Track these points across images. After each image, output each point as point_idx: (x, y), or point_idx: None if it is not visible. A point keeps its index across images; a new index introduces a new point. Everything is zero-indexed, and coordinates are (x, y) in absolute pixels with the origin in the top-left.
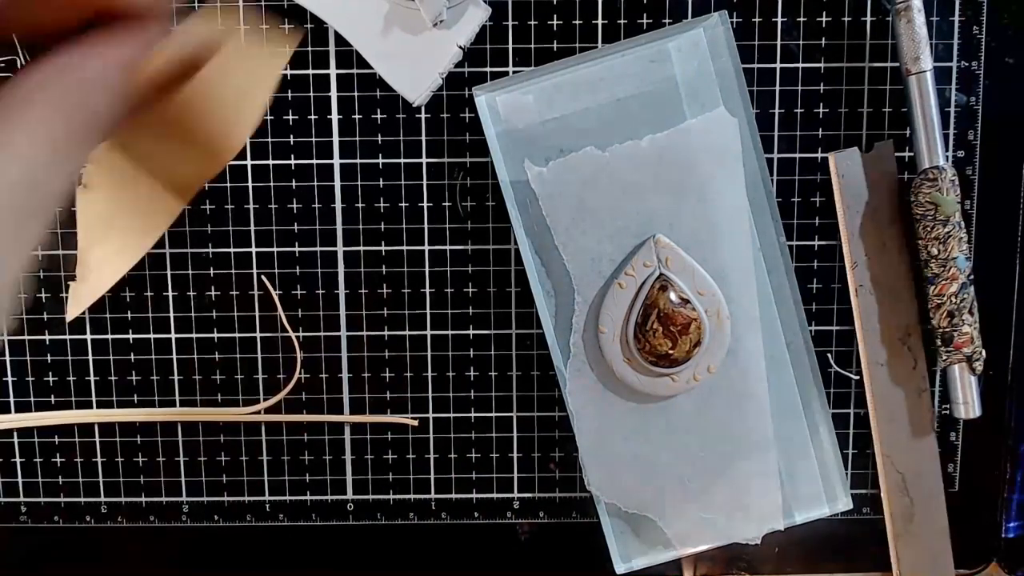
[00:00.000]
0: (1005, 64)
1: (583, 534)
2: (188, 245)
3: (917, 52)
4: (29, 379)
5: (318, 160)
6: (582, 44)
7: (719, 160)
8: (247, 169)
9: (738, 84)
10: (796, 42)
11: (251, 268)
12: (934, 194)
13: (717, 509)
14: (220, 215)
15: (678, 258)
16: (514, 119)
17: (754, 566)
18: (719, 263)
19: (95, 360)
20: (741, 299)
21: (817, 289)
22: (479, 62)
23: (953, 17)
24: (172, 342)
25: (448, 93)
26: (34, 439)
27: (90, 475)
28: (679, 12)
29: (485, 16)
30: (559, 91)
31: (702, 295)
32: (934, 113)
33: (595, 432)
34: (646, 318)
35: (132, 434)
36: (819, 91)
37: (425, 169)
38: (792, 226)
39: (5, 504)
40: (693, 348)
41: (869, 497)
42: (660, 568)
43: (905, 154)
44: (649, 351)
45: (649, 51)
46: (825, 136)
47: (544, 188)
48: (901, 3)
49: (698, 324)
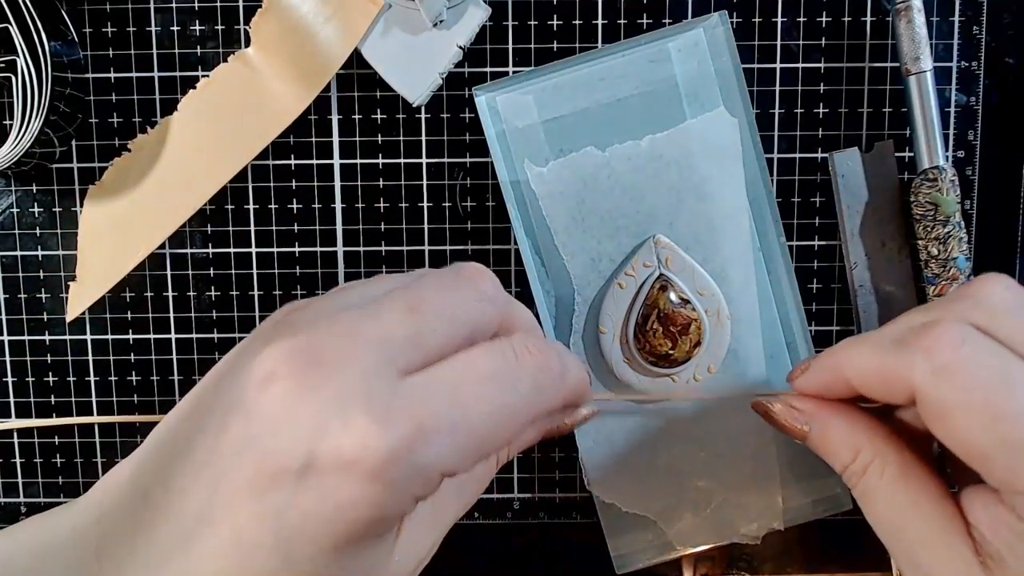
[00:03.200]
0: (1005, 64)
1: (583, 534)
2: (188, 245)
3: (917, 52)
4: (29, 379)
5: (318, 160)
6: (582, 44)
7: (719, 160)
8: (247, 169)
9: (738, 84)
10: (796, 42)
11: (251, 268)
12: (934, 194)
13: (717, 509)
14: (220, 215)
15: (678, 258)
16: (514, 119)
17: (754, 566)
18: (719, 263)
19: (95, 360)
20: (741, 299)
21: (817, 289)
22: (479, 62)
23: (953, 17)
24: (172, 342)
25: (448, 93)
26: (34, 439)
27: (90, 475)
28: (679, 12)
29: (485, 16)
30: (559, 91)
31: (702, 295)
32: (934, 113)
33: (595, 432)
34: (646, 318)
35: (132, 434)
36: (819, 91)
37: (425, 169)
38: (792, 226)
39: (5, 504)
40: (693, 348)
41: None
42: (660, 568)
43: (905, 154)
44: (649, 351)
45: (649, 51)
46: (825, 136)
47: (544, 188)
48: (901, 3)
49: (698, 324)
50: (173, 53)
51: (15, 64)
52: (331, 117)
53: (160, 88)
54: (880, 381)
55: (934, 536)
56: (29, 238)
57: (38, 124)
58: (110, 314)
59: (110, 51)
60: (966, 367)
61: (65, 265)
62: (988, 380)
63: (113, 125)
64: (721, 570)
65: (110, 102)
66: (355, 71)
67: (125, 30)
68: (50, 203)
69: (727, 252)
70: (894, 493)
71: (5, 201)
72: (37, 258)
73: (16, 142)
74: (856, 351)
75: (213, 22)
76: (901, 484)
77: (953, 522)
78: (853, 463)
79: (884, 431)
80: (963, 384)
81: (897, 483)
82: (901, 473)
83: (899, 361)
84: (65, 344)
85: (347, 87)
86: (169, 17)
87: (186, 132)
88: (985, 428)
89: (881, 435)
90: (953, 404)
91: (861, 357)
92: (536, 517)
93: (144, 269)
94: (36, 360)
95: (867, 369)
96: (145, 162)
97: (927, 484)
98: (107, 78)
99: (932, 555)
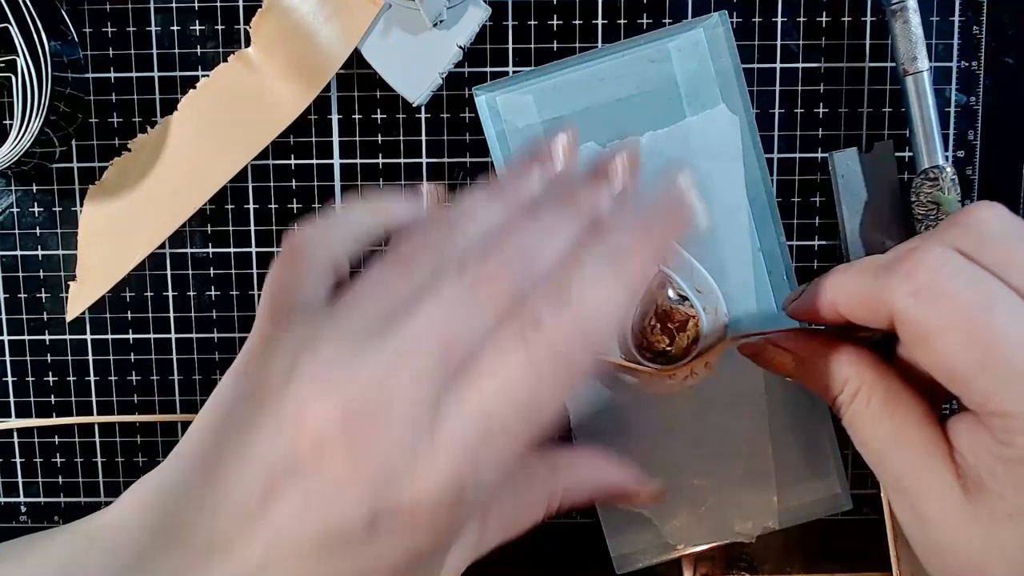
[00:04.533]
0: (1005, 64)
1: (583, 534)
2: (188, 245)
3: (913, 52)
4: (29, 379)
5: (318, 160)
6: (582, 44)
7: (718, 157)
8: (247, 169)
9: (738, 84)
10: (796, 42)
11: (251, 268)
12: (935, 193)
13: (712, 507)
14: (220, 215)
15: (677, 255)
16: (514, 119)
17: (754, 566)
18: (718, 261)
19: (95, 360)
20: (740, 297)
21: None
22: (479, 62)
23: (953, 17)
24: (172, 342)
25: (448, 93)
26: (34, 439)
27: (90, 475)
28: (679, 12)
29: (485, 16)
30: (559, 91)
31: (700, 292)
32: (932, 113)
33: (592, 429)
34: (644, 314)
35: (132, 434)
36: (819, 91)
37: (425, 169)
38: (792, 226)
39: (5, 504)
40: (691, 345)
41: (869, 497)
42: (660, 568)
43: (905, 154)
44: (646, 347)
45: (649, 51)
46: (825, 136)
47: None
48: (897, 4)
49: (696, 321)
50: (173, 53)
51: (15, 64)
52: (331, 117)
53: (160, 88)
54: (864, 305)
55: (917, 462)
56: (29, 238)
57: (38, 124)
58: (110, 314)
59: (110, 51)
60: (945, 289)
61: (65, 265)
62: (967, 301)
63: (113, 125)
64: (721, 570)
65: (110, 102)
66: (355, 71)
67: (125, 30)
68: (50, 203)
69: (726, 250)
70: (880, 420)
71: (5, 201)
72: (37, 258)
73: (16, 142)
74: (843, 276)
75: (213, 22)
76: (888, 411)
77: (937, 448)
78: (841, 394)
79: (871, 360)
80: (941, 305)
81: (884, 410)
82: (887, 400)
83: (881, 284)
84: (65, 344)
85: (347, 87)
86: (169, 17)
87: (186, 132)
88: (963, 349)
89: (868, 364)
90: (931, 326)
91: (847, 282)
92: None
93: (144, 269)
94: (36, 360)
95: (852, 293)
96: (145, 162)
97: (913, 411)
98: (107, 78)
99: (915, 481)
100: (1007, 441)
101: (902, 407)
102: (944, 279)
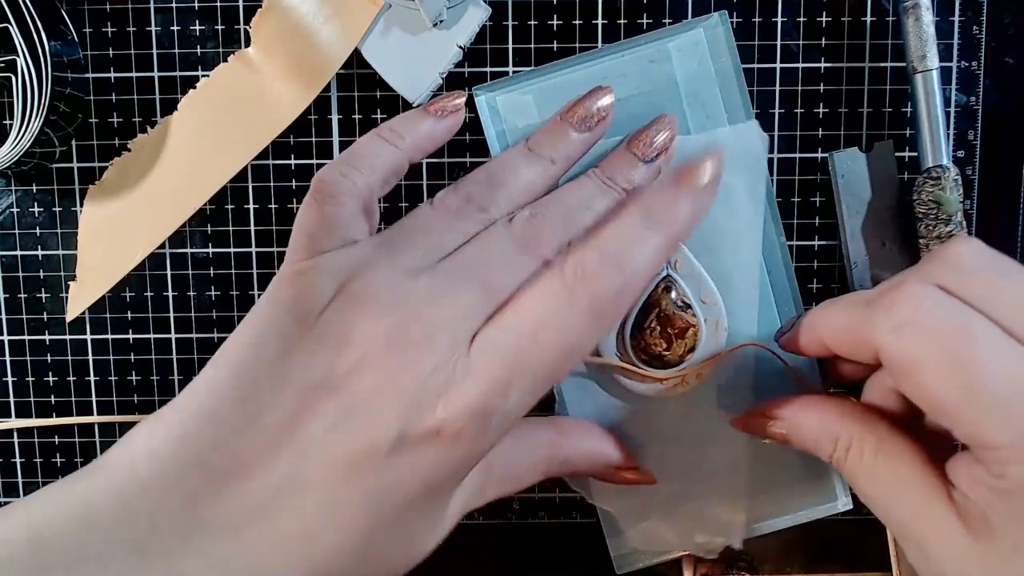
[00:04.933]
0: (1005, 64)
1: (583, 534)
2: (188, 245)
3: (924, 50)
4: (29, 379)
5: (318, 160)
6: (582, 44)
7: (743, 172)
8: (247, 169)
9: (738, 84)
10: (796, 42)
11: (251, 268)
12: (937, 193)
13: (682, 516)
14: (220, 215)
15: (687, 262)
16: (514, 119)
17: (754, 566)
18: (724, 272)
19: (95, 360)
20: (741, 311)
21: (817, 289)
22: (479, 62)
23: (953, 17)
24: (172, 342)
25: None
26: (34, 439)
27: None
28: (679, 12)
29: (485, 16)
30: (559, 91)
31: (705, 303)
32: (939, 112)
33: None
34: (645, 316)
35: None
36: (819, 91)
37: (425, 169)
38: (792, 226)
39: (5, 504)
40: (687, 353)
41: None
42: (660, 568)
43: (905, 154)
44: (643, 349)
45: (649, 51)
46: (825, 136)
47: None
48: (910, 1)
49: (695, 330)
50: (173, 53)
51: (15, 64)
52: (331, 117)
53: (160, 88)
54: (849, 340)
55: (917, 505)
56: (29, 238)
57: (38, 124)
58: (110, 314)
59: (110, 51)
60: (926, 323)
61: (65, 265)
62: (948, 334)
63: (113, 125)
64: (721, 570)
65: (110, 102)
66: (355, 71)
67: (125, 30)
68: (50, 203)
69: (734, 262)
70: (875, 470)
71: (5, 201)
72: (37, 258)
73: (16, 142)
74: (830, 310)
75: (213, 22)
76: (880, 460)
77: (934, 488)
78: (835, 451)
79: (858, 412)
80: (923, 339)
81: (876, 460)
82: (878, 450)
83: (864, 319)
84: (65, 344)
85: (347, 87)
86: (169, 17)
87: (186, 132)
88: (947, 381)
89: (856, 417)
90: (914, 359)
91: (833, 317)
92: (536, 517)
93: (144, 269)
94: (36, 360)
95: (837, 328)
96: (145, 162)
97: (906, 455)
98: (107, 78)
99: (918, 524)
100: (1000, 473)
101: (894, 454)
102: (924, 313)
